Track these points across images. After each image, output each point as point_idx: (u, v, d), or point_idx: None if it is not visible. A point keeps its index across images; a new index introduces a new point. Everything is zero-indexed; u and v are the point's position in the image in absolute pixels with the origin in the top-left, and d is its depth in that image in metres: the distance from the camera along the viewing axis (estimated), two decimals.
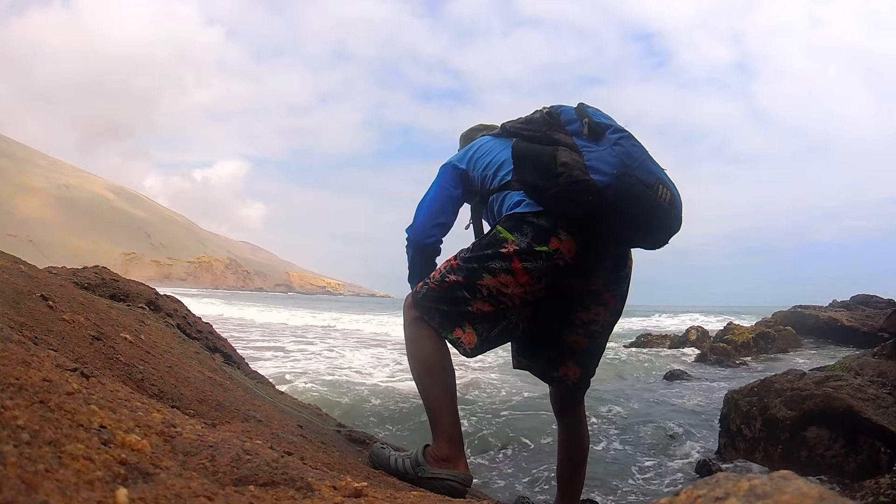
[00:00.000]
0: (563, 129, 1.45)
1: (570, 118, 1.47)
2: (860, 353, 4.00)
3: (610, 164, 1.34)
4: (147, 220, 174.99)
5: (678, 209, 1.42)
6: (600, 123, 1.42)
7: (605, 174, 1.33)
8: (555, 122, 1.48)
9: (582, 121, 1.44)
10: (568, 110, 1.49)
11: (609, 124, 1.42)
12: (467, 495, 1.47)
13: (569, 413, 1.66)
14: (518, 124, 1.57)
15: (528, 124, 1.54)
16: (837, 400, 2.83)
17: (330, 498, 0.73)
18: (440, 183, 1.67)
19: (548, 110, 1.52)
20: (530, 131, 1.51)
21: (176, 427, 0.73)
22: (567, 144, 1.40)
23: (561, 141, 1.42)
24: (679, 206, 1.42)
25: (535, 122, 1.52)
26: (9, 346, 0.75)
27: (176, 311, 2.40)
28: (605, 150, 1.37)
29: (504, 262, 1.40)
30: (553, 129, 1.47)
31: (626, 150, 1.37)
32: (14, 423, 0.52)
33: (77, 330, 1.34)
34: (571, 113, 1.48)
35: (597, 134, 1.40)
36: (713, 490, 0.41)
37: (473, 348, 1.46)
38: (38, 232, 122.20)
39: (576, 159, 1.36)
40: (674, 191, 1.41)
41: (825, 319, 10.36)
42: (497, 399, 5.01)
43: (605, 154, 1.36)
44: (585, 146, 1.39)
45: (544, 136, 1.47)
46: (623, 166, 1.34)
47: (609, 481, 2.91)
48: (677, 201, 1.41)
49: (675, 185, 1.42)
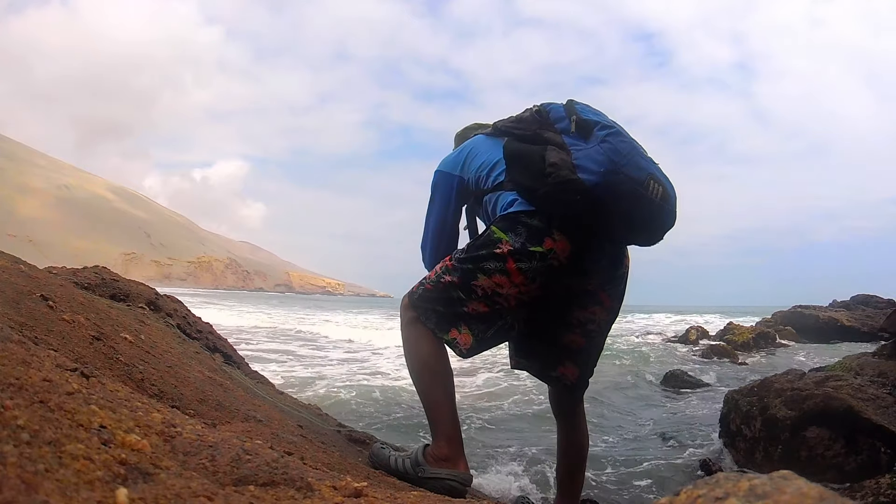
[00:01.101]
0: (552, 127, 1.44)
1: (558, 116, 1.46)
2: (860, 353, 4.00)
3: (598, 161, 1.33)
4: (147, 220, 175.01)
5: (671, 203, 1.40)
6: (587, 120, 1.40)
7: (593, 173, 1.32)
8: (544, 120, 1.47)
9: (570, 118, 1.42)
10: (557, 108, 1.48)
11: (597, 121, 1.40)
12: (467, 495, 1.47)
13: (568, 413, 1.66)
14: (509, 123, 1.56)
15: (519, 123, 1.52)
16: (837, 400, 2.82)
17: (330, 498, 0.73)
18: (438, 206, 1.68)
19: (537, 108, 1.51)
20: (521, 130, 1.50)
21: (176, 427, 0.73)
22: (556, 143, 1.39)
23: (550, 140, 1.41)
24: (673, 200, 1.40)
25: (525, 121, 1.51)
26: (9, 346, 0.75)
27: (176, 311, 2.40)
28: (592, 147, 1.36)
29: (498, 263, 1.40)
30: (543, 127, 1.46)
31: (613, 147, 1.35)
32: (14, 423, 0.52)
33: (77, 330, 1.34)
34: (560, 110, 1.47)
35: (584, 131, 1.39)
36: (713, 490, 0.41)
37: (469, 349, 1.45)
38: (38, 232, 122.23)
39: (564, 158, 1.35)
40: (666, 185, 1.38)
41: (825, 319, 10.37)
42: (497, 399, 5.01)
43: (593, 152, 1.35)
44: (574, 144, 1.37)
45: (534, 134, 1.45)
46: (610, 163, 1.32)
47: (608, 481, 2.91)
48: (670, 195, 1.39)
49: (668, 178, 1.39)
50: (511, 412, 4.47)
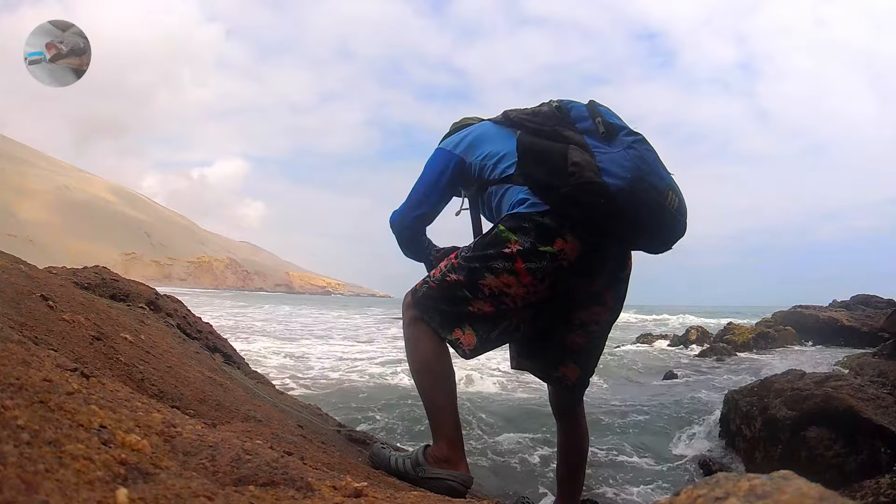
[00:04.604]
0: (572, 126, 1.41)
1: (580, 115, 1.43)
2: (860, 353, 4.00)
3: (624, 167, 1.31)
4: (147, 220, 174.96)
5: (684, 215, 1.40)
6: (613, 124, 1.39)
7: (619, 178, 1.30)
8: (564, 117, 1.43)
9: (594, 120, 1.40)
10: (578, 107, 1.45)
11: (622, 126, 1.39)
12: (467, 495, 1.47)
13: (568, 413, 1.66)
14: (523, 115, 1.51)
15: (535, 116, 1.48)
16: (837, 400, 2.82)
17: (330, 498, 0.73)
18: (429, 170, 1.60)
19: (557, 104, 1.47)
20: (537, 124, 1.46)
21: (176, 427, 0.73)
22: (578, 143, 1.36)
23: (571, 139, 1.38)
24: (685, 212, 1.40)
25: (542, 116, 1.47)
26: (9, 346, 0.75)
27: (176, 311, 2.40)
28: (618, 152, 1.34)
29: (507, 263, 1.37)
30: (562, 125, 1.42)
31: (640, 155, 1.34)
32: (14, 423, 0.52)
33: (77, 330, 1.34)
34: (582, 110, 1.44)
35: (610, 135, 1.37)
36: (713, 490, 0.41)
37: (472, 349, 1.44)
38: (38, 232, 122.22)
39: (588, 160, 1.32)
40: (681, 197, 1.39)
41: (825, 319, 10.36)
42: (496, 399, 5.01)
43: (619, 157, 1.33)
44: (596, 147, 1.35)
45: (552, 131, 1.42)
46: (637, 171, 1.31)
47: (609, 481, 2.91)
48: (683, 208, 1.40)
49: (680, 190, 1.40)
50: (511, 412, 4.46)
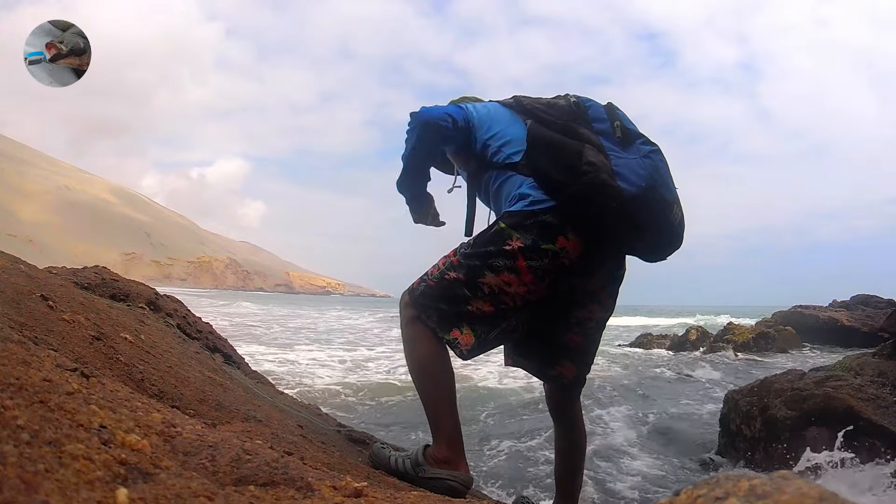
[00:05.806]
0: (588, 124, 1.39)
1: (598, 115, 1.41)
2: (860, 353, 4.00)
3: (640, 175, 1.31)
4: (147, 220, 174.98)
5: (683, 230, 1.42)
6: (631, 130, 1.39)
7: (633, 185, 1.30)
8: (581, 115, 1.42)
9: (612, 123, 1.39)
10: (597, 107, 1.43)
11: (639, 134, 1.40)
12: (467, 495, 1.47)
13: (565, 412, 1.65)
14: (538, 105, 1.48)
15: (551, 108, 1.45)
16: (837, 400, 2.83)
17: (330, 498, 0.73)
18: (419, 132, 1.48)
19: (575, 100, 1.45)
20: (551, 117, 1.43)
21: (176, 427, 0.73)
22: (593, 143, 1.35)
23: (586, 137, 1.36)
24: (684, 227, 1.42)
25: (558, 109, 1.44)
26: (9, 346, 0.75)
27: (176, 311, 2.40)
28: (634, 159, 1.34)
29: (508, 260, 1.36)
30: (577, 121, 1.40)
31: (655, 165, 1.35)
32: (14, 423, 0.52)
33: (77, 330, 1.34)
34: (600, 110, 1.42)
35: (627, 140, 1.36)
36: (713, 490, 0.41)
37: (470, 350, 1.42)
38: (38, 232, 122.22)
39: (603, 161, 1.31)
40: (682, 213, 1.41)
41: (825, 319, 10.37)
42: (496, 398, 5.01)
43: (635, 164, 1.33)
44: (612, 150, 1.34)
45: (567, 126, 1.40)
46: (651, 180, 1.32)
47: (608, 480, 2.91)
48: (684, 224, 1.42)
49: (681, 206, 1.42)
50: (511, 411, 4.47)
